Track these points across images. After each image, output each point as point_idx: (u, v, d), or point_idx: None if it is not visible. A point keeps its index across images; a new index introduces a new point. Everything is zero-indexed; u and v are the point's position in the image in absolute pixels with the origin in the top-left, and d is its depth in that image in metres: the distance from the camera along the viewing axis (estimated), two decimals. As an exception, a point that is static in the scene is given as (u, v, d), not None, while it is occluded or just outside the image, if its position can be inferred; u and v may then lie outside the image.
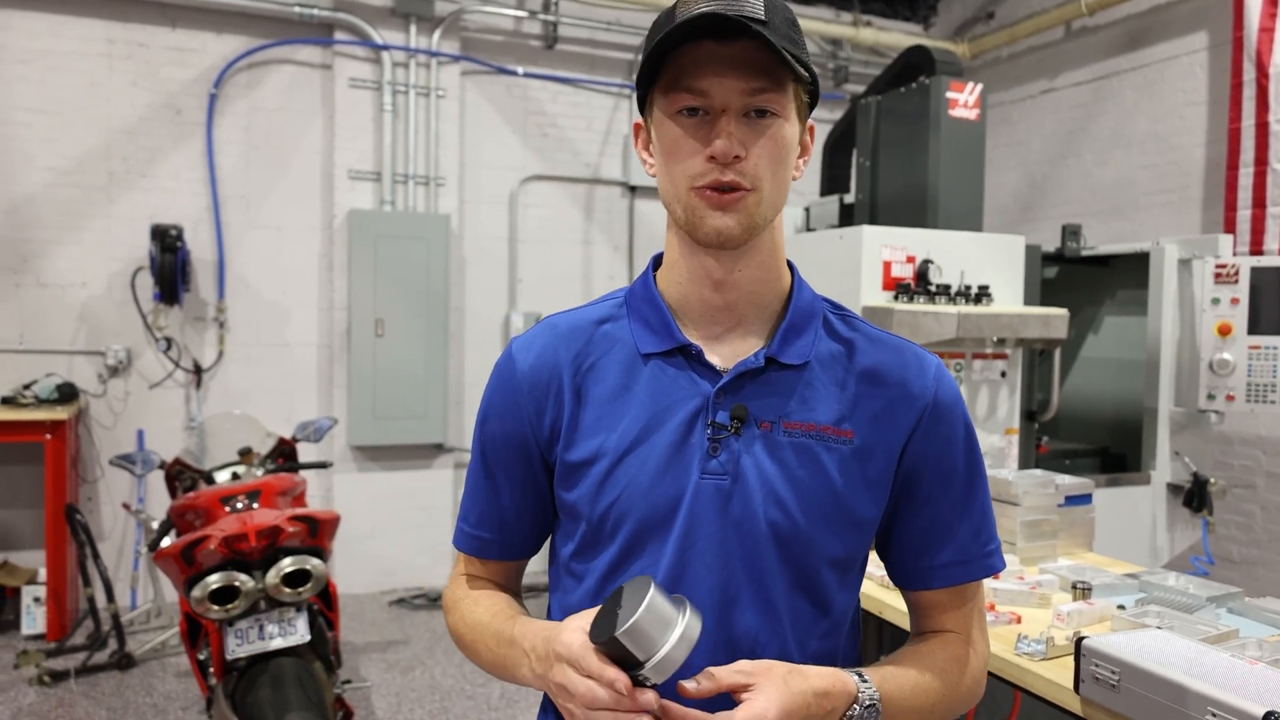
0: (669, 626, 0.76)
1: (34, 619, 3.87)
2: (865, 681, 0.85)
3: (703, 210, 0.86)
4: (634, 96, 5.18)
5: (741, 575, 0.90)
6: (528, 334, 0.99)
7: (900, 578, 0.99)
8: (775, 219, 0.91)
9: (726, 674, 0.80)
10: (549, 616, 1.01)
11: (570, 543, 0.96)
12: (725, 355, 0.93)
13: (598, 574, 0.93)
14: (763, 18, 0.83)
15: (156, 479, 4.25)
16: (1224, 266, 3.12)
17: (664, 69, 0.86)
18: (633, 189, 5.33)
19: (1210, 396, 3.16)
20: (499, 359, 1.00)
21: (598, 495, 0.92)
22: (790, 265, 0.98)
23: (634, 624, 0.75)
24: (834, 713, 0.82)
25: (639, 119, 0.95)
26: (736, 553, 0.90)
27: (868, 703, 0.84)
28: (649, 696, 0.76)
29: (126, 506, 3.96)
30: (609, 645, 0.76)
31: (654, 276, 0.98)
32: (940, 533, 0.95)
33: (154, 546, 2.60)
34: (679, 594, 0.81)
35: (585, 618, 0.80)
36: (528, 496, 0.99)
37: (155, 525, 2.76)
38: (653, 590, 0.77)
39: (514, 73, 5.03)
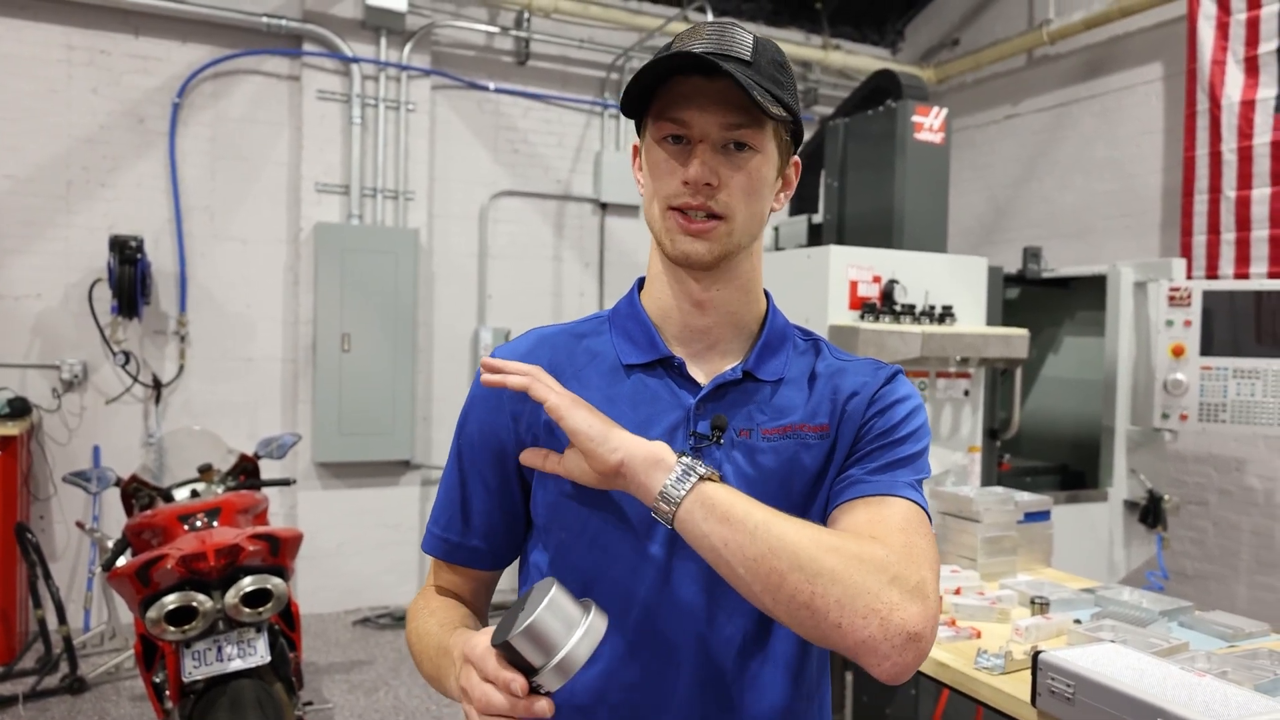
0: (569, 630, 0.74)
1: (-20, 641, 3.75)
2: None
3: (675, 231, 0.92)
4: (605, 114, 5.15)
5: (725, 583, 0.89)
6: (512, 343, 1.03)
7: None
8: (752, 246, 0.97)
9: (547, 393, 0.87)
10: None
11: (548, 551, 0.97)
12: (704, 371, 0.98)
13: (577, 582, 0.94)
14: (748, 59, 0.89)
15: (112, 497, 4.13)
16: (1177, 290, 3.21)
17: (655, 98, 0.92)
18: (604, 206, 5.35)
19: (1165, 416, 3.24)
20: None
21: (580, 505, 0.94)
22: (766, 292, 1.04)
23: (529, 626, 0.72)
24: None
25: (637, 142, 1.00)
26: None
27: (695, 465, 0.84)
28: (543, 704, 0.74)
29: (80, 525, 3.85)
30: (505, 649, 0.74)
31: (638, 295, 1.03)
32: (859, 466, 0.93)
33: (108, 566, 2.54)
34: (587, 598, 0.79)
35: None
36: (501, 504, 1.00)
37: (110, 544, 2.69)
38: (554, 592, 0.74)
39: (485, 88, 5.03)
